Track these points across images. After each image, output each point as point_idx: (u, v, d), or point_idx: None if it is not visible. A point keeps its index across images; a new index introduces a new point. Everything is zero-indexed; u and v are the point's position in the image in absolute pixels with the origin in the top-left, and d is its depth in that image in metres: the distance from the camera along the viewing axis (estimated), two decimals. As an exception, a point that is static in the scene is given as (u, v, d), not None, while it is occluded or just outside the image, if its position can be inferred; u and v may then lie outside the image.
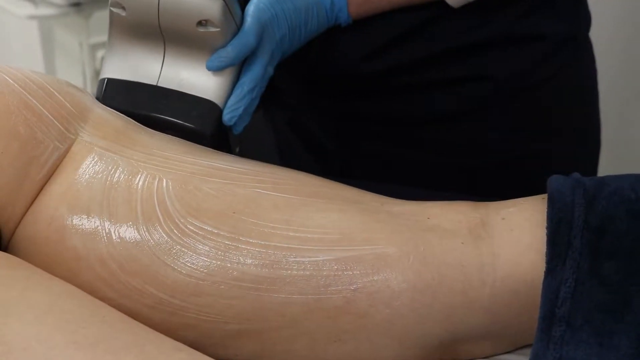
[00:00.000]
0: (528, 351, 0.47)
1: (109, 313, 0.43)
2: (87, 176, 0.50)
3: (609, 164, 1.03)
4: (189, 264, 0.47)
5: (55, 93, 0.52)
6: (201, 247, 0.47)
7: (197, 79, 0.61)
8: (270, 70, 0.64)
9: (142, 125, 0.55)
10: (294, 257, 0.47)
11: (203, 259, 0.47)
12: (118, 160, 0.50)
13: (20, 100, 0.50)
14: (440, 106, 0.75)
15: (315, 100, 0.80)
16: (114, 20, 0.60)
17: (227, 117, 0.60)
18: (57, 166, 0.51)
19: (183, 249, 0.47)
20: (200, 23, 0.58)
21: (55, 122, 0.51)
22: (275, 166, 0.54)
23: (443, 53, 0.73)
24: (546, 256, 0.46)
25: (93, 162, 0.50)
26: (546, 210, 0.48)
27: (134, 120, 0.55)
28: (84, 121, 0.52)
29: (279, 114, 0.86)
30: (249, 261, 0.47)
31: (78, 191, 0.49)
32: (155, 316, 0.47)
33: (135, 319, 0.45)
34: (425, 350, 0.48)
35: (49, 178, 0.50)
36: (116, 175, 0.50)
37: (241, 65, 0.62)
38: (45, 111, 0.50)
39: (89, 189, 0.49)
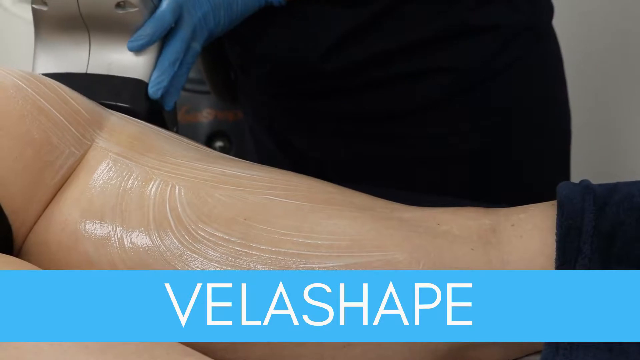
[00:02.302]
0: (537, 357, 0.48)
1: None
2: (101, 182, 0.51)
3: (582, 154, 1.04)
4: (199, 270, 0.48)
5: (70, 99, 0.53)
6: (212, 253, 0.48)
7: (124, 60, 0.65)
8: (196, 47, 0.67)
9: (158, 130, 0.56)
10: (304, 264, 0.48)
11: (214, 265, 0.48)
12: (132, 167, 0.51)
13: (34, 105, 0.51)
14: (402, 100, 0.78)
15: (283, 101, 0.82)
16: (37, 17, 0.64)
17: (152, 90, 0.63)
18: (72, 172, 0.51)
19: (194, 254, 0.48)
20: (118, 5, 0.62)
21: (71, 127, 0.52)
22: (288, 172, 0.55)
23: (401, 47, 0.76)
24: (555, 262, 0.47)
25: (107, 168, 0.51)
26: (556, 216, 0.48)
27: (150, 125, 0.56)
28: (100, 128, 0.54)
29: (251, 116, 0.90)
30: (259, 267, 0.48)
31: (92, 196, 0.50)
32: None
33: None
34: (434, 355, 0.49)
35: (64, 183, 0.51)
36: (130, 182, 0.50)
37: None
38: (60, 116, 0.52)
39: (102, 195, 0.50)
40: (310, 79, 0.80)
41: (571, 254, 0.47)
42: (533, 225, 0.49)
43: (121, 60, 0.65)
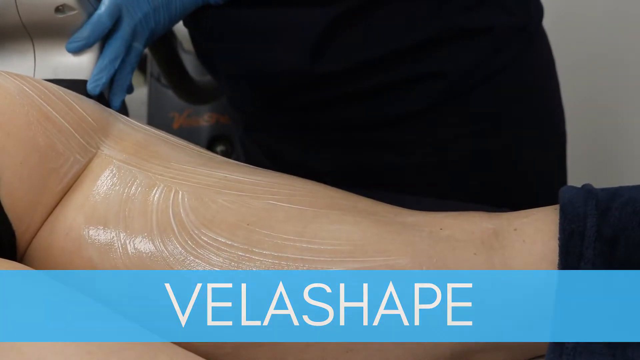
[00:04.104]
0: (540, 362, 0.48)
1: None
2: (104, 188, 0.51)
3: (575, 155, 1.04)
4: None
5: (77, 106, 0.53)
6: (215, 258, 0.48)
7: (69, 63, 0.67)
8: (139, 47, 0.70)
9: (165, 137, 0.56)
10: (307, 269, 0.47)
11: (216, 270, 0.47)
12: (136, 173, 0.51)
13: (40, 112, 0.51)
14: (397, 107, 0.78)
15: (274, 113, 0.81)
16: None
17: (90, 87, 0.65)
18: (77, 178, 0.51)
19: (197, 260, 0.48)
20: (58, 9, 0.63)
21: (76, 134, 0.52)
22: (291, 177, 0.55)
23: (392, 52, 0.76)
24: (558, 267, 0.47)
25: (111, 174, 0.51)
26: (558, 221, 0.47)
27: (157, 132, 0.56)
28: (105, 135, 0.54)
29: (241, 127, 0.92)
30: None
31: (95, 202, 0.50)
32: None
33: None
34: None
35: (68, 190, 0.51)
36: (133, 188, 0.51)
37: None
38: (65, 123, 0.52)
39: (106, 201, 0.50)
40: (301, 89, 0.79)
41: (574, 258, 0.47)
42: (536, 230, 0.49)
43: (66, 63, 0.67)
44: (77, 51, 0.66)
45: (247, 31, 0.78)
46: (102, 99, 0.68)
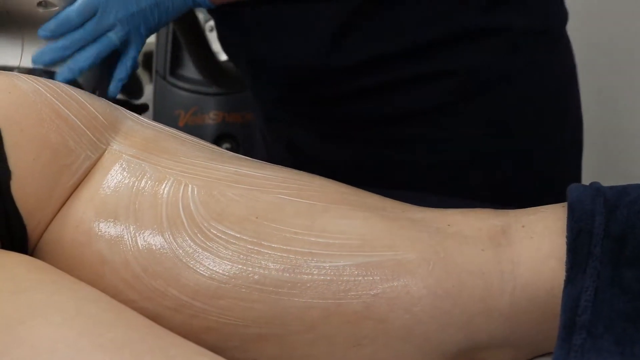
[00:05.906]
0: (548, 359, 0.47)
1: (133, 317, 0.44)
2: (114, 182, 0.51)
3: (593, 161, 1.03)
4: (211, 267, 0.48)
5: (88, 105, 0.54)
6: (224, 251, 0.48)
7: None
8: (113, 38, 0.71)
9: (174, 133, 0.56)
10: (315, 262, 0.48)
11: (225, 263, 0.48)
12: (146, 167, 0.51)
13: (52, 110, 0.51)
14: (411, 104, 0.78)
15: (293, 106, 0.85)
16: None
17: (33, 58, 0.69)
18: (87, 174, 0.51)
19: (206, 252, 0.48)
20: (40, 4, 0.67)
21: (88, 132, 0.53)
22: (301, 172, 0.56)
23: (408, 48, 0.77)
24: (566, 264, 0.46)
25: (121, 168, 0.52)
26: (566, 219, 0.47)
27: (165, 128, 0.56)
28: (115, 132, 0.54)
29: (263, 120, 0.93)
30: (271, 265, 0.48)
31: (105, 196, 0.51)
32: (176, 318, 0.48)
33: (157, 322, 0.46)
34: (444, 356, 0.50)
35: (79, 185, 0.50)
36: (143, 182, 0.51)
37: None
38: (77, 121, 0.53)
39: (116, 194, 0.50)
40: (318, 82, 0.79)
41: (582, 256, 0.47)
42: (544, 227, 0.49)
43: None
44: (46, 39, 0.69)
45: (269, 25, 0.79)
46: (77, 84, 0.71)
